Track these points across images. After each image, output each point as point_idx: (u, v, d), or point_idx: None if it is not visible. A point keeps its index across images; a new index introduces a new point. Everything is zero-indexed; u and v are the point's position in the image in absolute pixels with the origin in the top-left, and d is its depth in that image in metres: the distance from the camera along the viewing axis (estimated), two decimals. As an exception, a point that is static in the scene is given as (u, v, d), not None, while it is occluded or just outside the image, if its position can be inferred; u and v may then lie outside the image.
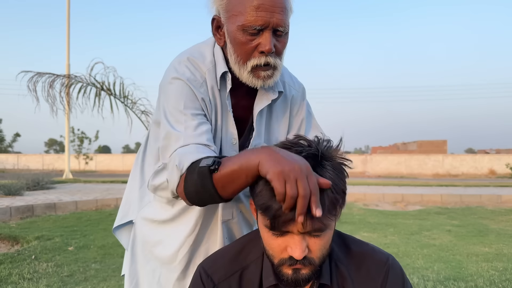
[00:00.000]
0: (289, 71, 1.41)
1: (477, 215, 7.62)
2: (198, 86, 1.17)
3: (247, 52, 1.11)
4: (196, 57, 1.21)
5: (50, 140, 73.96)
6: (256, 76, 1.13)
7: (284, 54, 1.17)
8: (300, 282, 0.91)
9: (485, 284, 3.47)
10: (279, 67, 1.15)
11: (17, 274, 3.62)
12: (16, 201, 7.79)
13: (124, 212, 1.45)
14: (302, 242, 0.87)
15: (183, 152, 1.06)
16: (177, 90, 1.16)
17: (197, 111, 1.15)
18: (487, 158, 30.93)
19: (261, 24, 1.06)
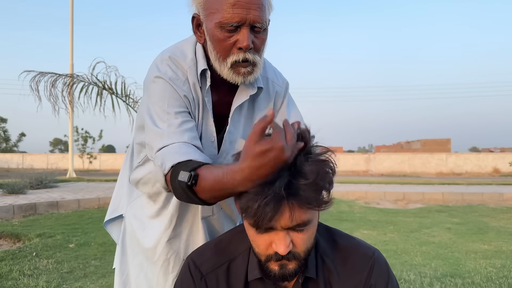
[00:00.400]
0: (274, 66, 1.42)
1: (478, 213, 7.60)
2: (181, 85, 1.19)
3: (226, 49, 1.12)
4: (178, 55, 1.23)
5: (55, 139, 74.22)
6: (236, 73, 1.15)
7: (263, 50, 1.18)
8: (287, 277, 0.94)
9: (482, 280, 3.48)
10: (258, 64, 1.16)
11: (18, 271, 3.66)
12: (19, 200, 7.86)
13: (114, 207, 1.48)
14: (286, 237, 0.90)
15: (165, 152, 1.08)
16: (160, 89, 1.18)
17: (180, 109, 1.17)
18: (491, 157, 30.78)
19: (238, 21, 1.07)
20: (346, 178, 17.96)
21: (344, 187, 11.60)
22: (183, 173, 0.99)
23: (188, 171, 0.99)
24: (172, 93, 1.17)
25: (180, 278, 1.10)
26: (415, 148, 41.96)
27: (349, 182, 14.03)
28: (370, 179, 16.84)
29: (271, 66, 1.40)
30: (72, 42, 17.42)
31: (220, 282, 1.05)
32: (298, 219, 0.88)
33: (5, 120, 58.24)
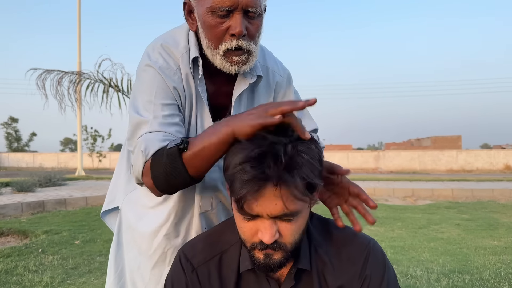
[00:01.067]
0: (274, 55, 1.37)
1: (488, 209, 7.49)
2: (171, 74, 1.15)
3: (218, 35, 1.07)
4: (170, 43, 1.19)
5: (65, 139, 74.95)
6: (230, 61, 1.10)
7: (258, 37, 1.13)
8: (271, 267, 0.90)
9: (491, 276, 3.42)
10: (253, 52, 1.10)
11: (23, 267, 3.68)
12: (28, 197, 7.92)
13: (111, 198, 1.45)
14: (272, 226, 0.86)
15: (149, 138, 1.04)
16: (149, 78, 1.14)
17: (168, 101, 1.13)
18: (503, 154, 30.38)
19: (230, 5, 1.02)
20: (354, 175, 17.86)
21: (352, 184, 11.50)
22: (173, 142, 0.98)
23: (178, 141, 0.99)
24: (160, 83, 1.13)
25: (171, 271, 1.07)
26: (426, 146, 41.62)
27: (357, 179, 13.94)
28: (378, 176, 16.72)
29: (271, 55, 1.35)
30: (79, 39, 17.53)
31: (212, 275, 1.02)
32: (286, 208, 0.84)
33: (16, 120, 59.02)
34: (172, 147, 0.98)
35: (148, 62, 1.16)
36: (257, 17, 1.08)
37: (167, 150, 0.98)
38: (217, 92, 1.23)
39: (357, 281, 0.98)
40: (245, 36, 1.07)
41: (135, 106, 1.13)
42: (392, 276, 1.02)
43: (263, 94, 1.30)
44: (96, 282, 3.33)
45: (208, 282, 1.02)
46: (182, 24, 1.25)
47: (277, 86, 1.33)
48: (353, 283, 0.98)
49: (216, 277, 1.02)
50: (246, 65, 1.11)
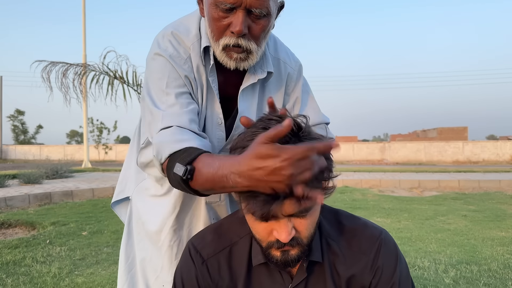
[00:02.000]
0: (286, 46, 1.35)
1: (495, 200, 7.44)
2: (182, 63, 1.13)
3: (219, 29, 1.05)
4: (181, 31, 1.16)
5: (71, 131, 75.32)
6: (229, 56, 1.08)
7: (264, 38, 1.09)
8: (289, 263, 0.89)
9: (499, 267, 3.39)
10: (254, 52, 1.08)
11: (31, 258, 3.70)
12: (35, 189, 7.97)
13: (121, 188, 1.46)
14: (288, 224, 0.85)
15: (160, 141, 1.02)
16: (159, 67, 1.13)
17: (180, 89, 1.11)
18: (509, 145, 30.14)
19: (233, 2, 0.99)
20: (360, 167, 17.80)
21: (358, 176, 11.48)
22: (179, 166, 0.92)
23: (184, 164, 0.92)
24: (171, 72, 1.11)
25: (181, 263, 1.06)
26: (432, 137, 41.40)
27: (363, 171, 13.91)
28: (384, 168, 16.66)
29: (283, 46, 1.33)
30: (84, 31, 17.51)
31: (222, 267, 1.02)
32: (300, 206, 0.83)
33: (22, 112, 59.32)
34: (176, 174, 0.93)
35: (157, 50, 1.14)
36: (263, 18, 1.04)
37: (174, 174, 0.93)
38: (227, 82, 1.21)
39: (368, 272, 0.97)
40: (246, 35, 1.04)
41: (149, 96, 1.12)
42: (404, 268, 1.01)
43: (273, 88, 1.29)
44: (104, 273, 3.34)
45: (218, 274, 1.01)
46: (194, 11, 1.23)
47: (288, 78, 1.31)
48: (365, 274, 0.97)
49: (226, 269, 1.01)
50: (245, 63, 1.09)
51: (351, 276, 0.98)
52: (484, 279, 3.09)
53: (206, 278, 1.01)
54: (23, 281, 3.10)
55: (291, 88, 1.33)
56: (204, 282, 1.01)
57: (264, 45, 1.12)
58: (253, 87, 1.22)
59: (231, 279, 1.01)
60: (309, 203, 0.83)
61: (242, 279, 1.01)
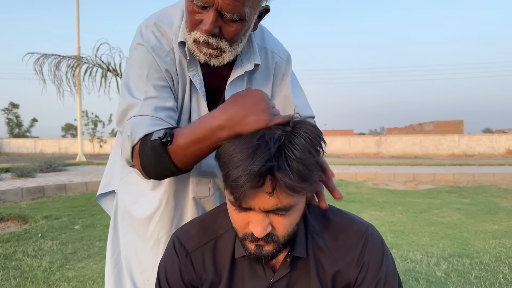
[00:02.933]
0: (274, 36, 1.32)
1: (489, 193, 7.48)
2: (164, 55, 1.10)
3: (192, 23, 1.02)
4: (164, 22, 1.13)
5: (66, 124, 74.95)
6: (199, 50, 1.05)
7: (238, 40, 1.06)
8: (262, 258, 0.88)
9: (491, 260, 3.40)
10: (227, 51, 1.05)
11: (22, 252, 3.68)
12: (28, 183, 7.92)
13: (107, 181, 1.43)
14: (264, 219, 0.83)
15: (136, 122, 1.01)
16: (141, 57, 1.10)
17: (160, 82, 1.09)
18: (505, 138, 30.26)
19: (204, 1, 0.96)
20: (355, 160, 17.84)
21: (353, 169, 11.50)
22: (158, 132, 0.93)
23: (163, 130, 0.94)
24: (152, 63, 1.09)
25: (164, 256, 1.05)
26: (428, 130, 41.54)
27: (358, 164, 13.93)
28: (380, 161, 16.70)
29: (271, 35, 1.30)
30: (78, 23, 17.35)
31: (206, 260, 1.00)
32: (279, 203, 0.80)
33: (17, 105, 58.96)
34: (155, 139, 0.94)
35: (140, 40, 1.11)
36: (235, 22, 1.00)
37: (151, 141, 0.94)
38: (213, 74, 1.17)
39: (354, 267, 0.95)
40: (217, 35, 1.01)
41: (127, 86, 1.10)
42: (390, 263, 0.99)
43: (261, 77, 1.26)
44: (95, 267, 3.32)
45: (203, 267, 1.00)
46: (179, 1, 1.20)
47: (276, 68, 1.29)
48: (350, 269, 0.96)
49: (210, 262, 1.00)
50: (215, 60, 1.06)
51: (337, 272, 0.96)
52: (475, 272, 3.10)
53: (190, 271, 1.00)
54: (13, 275, 3.07)
55: (280, 79, 1.30)
56: (188, 275, 1.00)
57: (240, 46, 1.08)
58: (241, 79, 1.20)
59: (215, 272, 1.00)
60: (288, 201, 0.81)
61: (226, 272, 0.99)
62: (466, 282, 2.90)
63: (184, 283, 1.01)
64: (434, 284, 2.87)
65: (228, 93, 1.17)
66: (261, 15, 1.10)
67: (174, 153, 0.94)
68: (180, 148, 0.93)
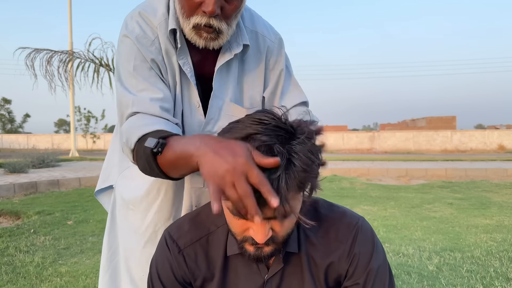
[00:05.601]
0: (264, 19, 1.29)
1: (481, 188, 7.54)
2: (148, 45, 1.09)
3: (191, 7, 1.01)
4: (148, 11, 1.12)
5: (59, 120, 74.46)
6: (198, 35, 1.04)
7: (235, 17, 1.06)
8: (262, 259, 0.87)
9: (482, 254, 3.43)
10: (225, 32, 1.04)
11: (14, 247, 3.66)
12: (21, 178, 7.87)
13: (105, 176, 1.42)
14: (266, 226, 0.82)
15: (129, 126, 1.01)
16: (127, 49, 1.09)
17: (148, 73, 1.08)
18: (497, 134, 30.50)
19: None
20: (349, 156, 17.90)
21: (347, 164, 11.54)
22: (151, 140, 0.90)
23: (156, 138, 0.90)
24: (137, 55, 1.08)
25: (156, 253, 1.04)
26: (421, 126, 41.72)
27: (352, 160, 13.98)
28: (373, 157, 16.77)
29: (261, 19, 1.28)
30: (70, 17, 17.19)
31: (199, 256, 1.00)
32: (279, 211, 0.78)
33: (9, 101, 58.44)
34: (147, 147, 0.90)
35: (125, 32, 1.10)
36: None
37: (144, 147, 0.91)
38: (204, 61, 1.16)
39: (345, 260, 0.96)
40: (218, 16, 1.00)
41: (119, 79, 1.10)
42: (381, 255, 1.00)
43: (253, 61, 1.24)
44: (88, 262, 3.31)
45: (195, 263, 1.00)
46: None
47: (268, 52, 1.26)
48: (342, 262, 0.96)
49: (203, 258, 1.00)
50: (214, 42, 1.06)
51: (328, 265, 0.97)
52: (467, 266, 3.13)
53: (182, 267, 0.99)
54: (5, 271, 3.06)
55: (272, 63, 1.28)
56: (180, 271, 1.00)
57: (234, 25, 1.08)
58: (229, 64, 1.18)
59: (208, 269, 1.00)
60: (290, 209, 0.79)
61: (219, 269, 0.99)
62: (457, 276, 2.93)
63: (177, 280, 1.00)
64: (426, 278, 2.89)
65: (216, 80, 1.15)
66: None
67: (162, 164, 0.91)
68: (167, 160, 0.89)
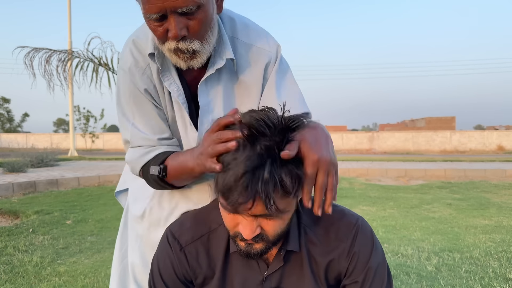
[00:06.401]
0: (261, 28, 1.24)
1: (480, 189, 7.54)
2: (140, 74, 1.14)
3: (159, 37, 1.01)
4: (141, 37, 1.14)
5: (58, 119, 74.43)
6: (177, 57, 1.03)
7: (206, 31, 1.02)
8: (252, 255, 0.89)
9: (481, 255, 3.43)
10: (200, 50, 1.02)
11: (13, 247, 3.65)
12: (19, 178, 7.86)
13: (124, 179, 1.47)
14: (253, 223, 0.84)
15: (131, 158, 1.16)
16: (122, 81, 1.16)
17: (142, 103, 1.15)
18: (496, 134, 30.55)
19: (157, 12, 0.93)
20: (348, 156, 17.92)
21: (346, 165, 11.55)
22: (153, 168, 1.08)
23: (157, 165, 1.08)
24: (130, 86, 1.14)
25: (158, 250, 1.05)
26: (420, 126, 41.76)
27: (351, 160, 13.99)
28: (372, 157, 16.78)
29: (257, 29, 1.22)
30: (70, 17, 17.17)
31: (200, 254, 1.01)
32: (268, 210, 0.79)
33: (8, 100, 58.37)
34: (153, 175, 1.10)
35: (120, 63, 1.18)
36: (196, 12, 0.96)
37: (150, 175, 1.10)
38: (198, 78, 1.15)
39: (345, 258, 0.97)
40: (186, 37, 0.99)
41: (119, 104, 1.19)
42: (380, 254, 1.01)
43: (247, 73, 1.20)
44: (87, 261, 3.31)
45: (197, 261, 1.01)
46: None
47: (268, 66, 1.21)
48: (341, 260, 0.98)
49: (204, 256, 1.00)
50: (194, 61, 1.05)
51: (328, 263, 0.98)
52: (465, 267, 3.13)
53: (183, 265, 1.00)
54: (3, 270, 3.05)
55: (270, 71, 1.23)
56: (181, 269, 1.01)
57: (211, 38, 1.05)
58: (219, 77, 1.16)
59: (209, 266, 1.01)
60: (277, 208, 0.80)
61: (220, 266, 1.00)
62: (456, 276, 2.93)
63: (178, 277, 1.01)
64: (425, 279, 2.89)
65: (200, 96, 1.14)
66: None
67: (171, 181, 1.11)
68: (173, 177, 1.09)
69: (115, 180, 8.54)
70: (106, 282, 2.85)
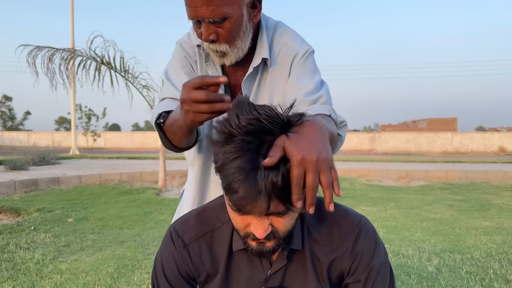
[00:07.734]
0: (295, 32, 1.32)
1: (481, 190, 7.54)
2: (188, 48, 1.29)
3: (199, 37, 1.16)
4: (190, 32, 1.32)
5: (60, 118, 74.47)
6: (213, 53, 1.19)
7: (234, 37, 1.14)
8: (264, 253, 0.89)
9: (481, 256, 3.44)
10: (229, 51, 1.16)
11: (14, 244, 3.66)
12: (21, 176, 7.88)
13: None
14: (265, 222, 0.83)
15: (156, 108, 1.19)
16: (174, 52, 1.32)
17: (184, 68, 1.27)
18: (498, 136, 30.52)
19: (192, 17, 1.09)
20: (349, 157, 17.91)
21: (347, 165, 11.55)
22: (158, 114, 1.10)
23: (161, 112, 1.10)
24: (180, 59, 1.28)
25: (162, 248, 1.05)
26: (421, 127, 41.72)
27: (352, 160, 13.98)
28: (373, 157, 16.78)
29: (293, 33, 1.31)
30: (72, 15, 17.20)
31: (204, 252, 1.01)
32: (279, 208, 0.80)
33: (10, 98, 58.44)
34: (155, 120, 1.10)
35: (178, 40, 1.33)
36: (223, 22, 1.10)
37: (155, 121, 1.10)
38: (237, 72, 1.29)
39: (348, 257, 0.98)
40: (215, 41, 1.13)
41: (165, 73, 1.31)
42: (383, 253, 1.01)
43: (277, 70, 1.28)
44: (88, 259, 3.32)
45: (200, 259, 1.01)
46: None
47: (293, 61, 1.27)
48: (344, 259, 0.98)
49: (207, 254, 1.01)
50: (225, 59, 1.18)
51: (331, 262, 0.98)
52: (466, 267, 3.13)
53: (187, 262, 1.01)
54: (5, 268, 3.06)
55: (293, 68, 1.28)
56: (185, 266, 1.01)
57: (241, 43, 1.17)
58: (255, 74, 1.26)
59: (212, 264, 1.01)
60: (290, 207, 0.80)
61: (223, 265, 1.00)
62: (457, 277, 2.93)
63: (181, 275, 1.02)
64: (426, 279, 2.90)
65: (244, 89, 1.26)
66: (255, 5, 1.17)
67: (167, 132, 1.09)
68: (168, 129, 1.07)
69: (116, 178, 8.56)
70: (108, 279, 2.86)
